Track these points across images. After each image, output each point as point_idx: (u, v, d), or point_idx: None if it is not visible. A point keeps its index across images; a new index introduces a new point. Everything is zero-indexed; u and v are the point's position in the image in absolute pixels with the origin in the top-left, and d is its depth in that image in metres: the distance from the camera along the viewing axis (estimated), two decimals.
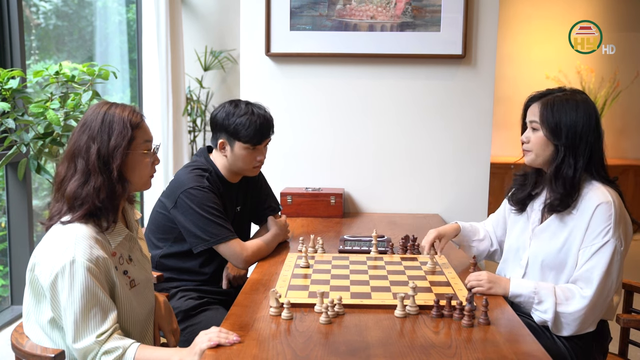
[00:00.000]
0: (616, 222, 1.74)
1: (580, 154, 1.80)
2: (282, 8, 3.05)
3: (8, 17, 3.05)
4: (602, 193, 1.77)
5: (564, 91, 1.87)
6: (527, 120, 1.90)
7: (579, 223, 1.78)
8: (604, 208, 1.74)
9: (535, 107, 1.87)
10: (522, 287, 1.78)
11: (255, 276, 1.96)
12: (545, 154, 1.85)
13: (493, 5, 3.06)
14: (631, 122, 6.42)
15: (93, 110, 1.55)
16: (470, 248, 2.18)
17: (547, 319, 1.74)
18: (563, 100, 1.82)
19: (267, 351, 1.38)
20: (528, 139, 1.87)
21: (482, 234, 2.18)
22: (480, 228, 2.20)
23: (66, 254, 1.43)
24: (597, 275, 1.71)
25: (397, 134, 3.16)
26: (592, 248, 1.74)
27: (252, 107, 2.19)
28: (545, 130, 1.82)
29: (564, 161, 1.80)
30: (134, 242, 1.65)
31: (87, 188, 1.49)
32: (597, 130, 1.83)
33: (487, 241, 2.17)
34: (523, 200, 1.97)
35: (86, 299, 1.42)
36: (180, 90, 4.63)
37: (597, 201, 1.75)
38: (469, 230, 2.16)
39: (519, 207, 1.99)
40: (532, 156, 1.88)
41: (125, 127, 1.53)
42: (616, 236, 1.73)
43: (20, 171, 2.61)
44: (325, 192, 2.98)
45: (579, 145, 1.80)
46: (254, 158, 2.20)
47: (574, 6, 6.22)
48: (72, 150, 1.53)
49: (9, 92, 2.46)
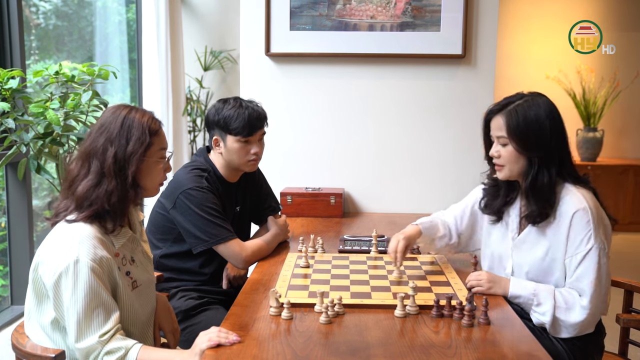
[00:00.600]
0: (595, 226, 1.72)
1: (552, 161, 1.78)
2: (282, 8, 3.05)
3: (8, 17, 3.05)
4: (577, 199, 1.75)
5: (523, 97, 1.83)
6: (493, 135, 1.85)
7: (559, 231, 1.77)
8: (581, 215, 1.73)
9: (498, 120, 1.82)
10: (522, 288, 1.78)
11: (255, 276, 1.96)
12: (518, 167, 1.81)
13: (493, 5, 3.06)
14: (631, 122, 6.42)
15: (112, 113, 1.55)
16: (429, 247, 2.15)
17: (545, 321, 1.74)
18: (525, 108, 1.78)
19: (267, 351, 1.38)
20: (499, 153, 1.83)
21: (441, 230, 2.11)
22: (439, 224, 2.12)
23: (70, 253, 1.43)
24: (589, 284, 1.71)
25: (397, 134, 3.16)
26: (577, 257, 1.73)
27: (241, 101, 2.19)
28: (515, 144, 1.78)
29: (539, 172, 1.78)
30: (137, 243, 1.65)
31: (99, 190, 1.49)
32: (562, 130, 1.81)
33: (447, 237, 2.11)
34: (499, 209, 1.94)
35: (89, 299, 1.42)
36: (180, 90, 4.64)
37: (573, 208, 1.74)
38: (429, 230, 2.10)
39: (496, 216, 1.96)
40: (506, 171, 1.83)
41: (144, 133, 1.53)
42: (598, 240, 1.72)
43: (20, 171, 2.61)
44: (325, 192, 2.98)
45: (550, 153, 1.77)
46: (248, 151, 2.19)
47: (574, 6, 6.22)
48: (88, 150, 1.53)
49: (9, 92, 2.46)
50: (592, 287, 1.71)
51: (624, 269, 4.83)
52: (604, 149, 6.19)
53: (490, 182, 1.98)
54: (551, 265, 1.79)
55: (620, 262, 5.05)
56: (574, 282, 1.74)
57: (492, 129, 1.86)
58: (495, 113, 1.84)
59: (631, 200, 6.02)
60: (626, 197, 6.02)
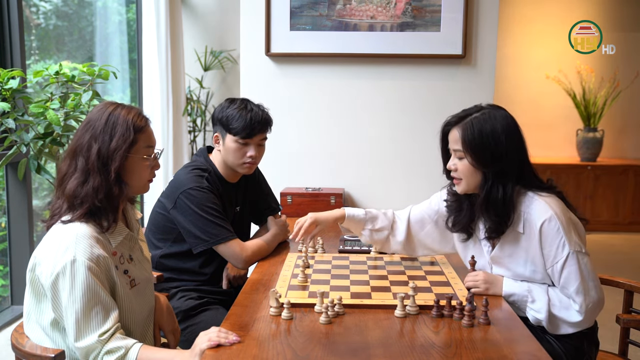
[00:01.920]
0: (566, 231, 1.71)
1: (508, 175, 1.75)
2: (282, 8, 3.05)
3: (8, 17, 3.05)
4: (542, 207, 1.73)
5: (480, 110, 1.81)
6: (451, 148, 1.83)
7: (531, 243, 1.76)
8: (549, 225, 1.71)
9: (455, 132, 1.80)
10: (515, 286, 1.79)
11: (255, 276, 1.96)
12: (475, 181, 1.79)
13: (493, 5, 3.06)
14: (631, 122, 6.42)
15: (99, 110, 1.55)
16: (360, 235, 2.08)
17: (541, 318, 1.74)
18: (482, 122, 1.76)
19: (267, 351, 1.38)
20: (456, 167, 1.81)
21: (380, 223, 2.04)
22: (380, 217, 2.05)
23: (67, 253, 1.43)
24: (575, 289, 1.71)
25: (397, 134, 3.16)
26: (557, 266, 1.72)
27: (248, 103, 2.19)
28: (470, 158, 1.76)
29: (493, 186, 1.76)
30: (134, 241, 1.65)
31: (87, 187, 1.49)
32: (520, 142, 1.79)
33: (386, 231, 2.05)
34: (466, 225, 1.90)
35: (87, 298, 1.42)
36: (180, 90, 4.64)
37: (540, 219, 1.72)
38: (360, 219, 2.03)
39: (466, 234, 1.92)
40: (464, 185, 1.82)
41: (128, 130, 1.52)
42: (572, 243, 1.71)
43: (20, 171, 2.61)
44: (325, 192, 2.98)
45: (506, 166, 1.75)
46: (244, 153, 2.19)
47: (573, 6, 6.22)
48: (74, 147, 1.53)
49: (9, 92, 2.46)
50: (580, 292, 1.71)
51: (624, 269, 4.83)
52: (604, 149, 6.19)
53: (452, 197, 1.94)
54: (535, 275, 1.79)
55: (620, 262, 5.05)
56: (562, 290, 1.75)
57: (449, 142, 1.84)
58: (453, 125, 1.82)
59: (631, 200, 6.02)
60: (626, 197, 6.02)
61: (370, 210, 2.06)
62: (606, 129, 6.24)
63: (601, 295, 1.76)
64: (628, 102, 6.30)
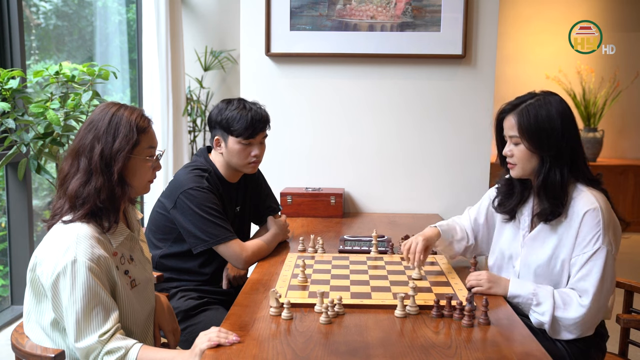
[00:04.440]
0: (605, 227, 1.73)
1: (564, 160, 1.78)
2: (282, 8, 3.05)
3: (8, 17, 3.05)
4: (589, 199, 1.76)
5: (535, 96, 1.84)
6: (506, 135, 1.86)
7: (568, 231, 1.78)
8: (591, 215, 1.73)
9: (510, 119, 1.83)
10: (521, 288, 1.78)
11: (255, 276, 1.96)
12: (531, 166, 1.82)
13: (493, 5, 3.06)
14: (631, 122, 6.42)
15: (101, 110, 1.55)
16: (447, 250, 2.12)
17: (545, 321, 1.73)
18: (537, 107, 1.79)
19: (267, 351, 1.38)
20: (512, 152, 1.84)
21: (459, 233, 2.11)
22: (457, 227, 2.12)
23: (68, 253, 1.43)
24: (593, 284, 1.71)
25: (397, 134, 3.16)
26: (584, 256, 1.73)
27: (244, 103, 2.19)
28: (527, 143, 1.79)
29: (551, 171, 1.78)
30: (135, 242, 1.65)
31: (89, 188, 1.49)
32: (575, 129, 1.82)
33: (465, 240, 2.11)
34: (513, 208, 1.94)
35: (88, 299, 1.42)
36: (180, 90, 4.64)
37: (584, 208, 1.74)
38: (447, 232, 2.09)
39: (509, 215, 1.96)
40: (518, 170, 1.85)
41: (131, 131, 1.52)
42: (607, 242, 1.73)
43: (20, 171, 2.61)
44: (325, 192, 2.98)
45: (562, 152, 1.78)
46: (249, 153, 2.19)
47: (574, 6, 6.22)
48: (76, 147, 1.53)
49: (9, 92, 2.46)
50: (594, 287, 1.71)
51: (624, 269, 4.83)
52: (604, 149, 6.19)
53: (504, 181, 1.98)
54: (557, 265, 1.79)
55: (620, 262, 5.01)
56: (577, 282, 1.74)
57: (504, 129, 1.87)
58: (508, 112, 1.85)
59: (631, 200, 6.02)
60: (626, 197, 6.02)
61: (442, 224, 2.11)
62: (606, 129, 6.24)
63: (608, 304, 1.76)
64: (628, 102, 6.30)
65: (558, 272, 1.80)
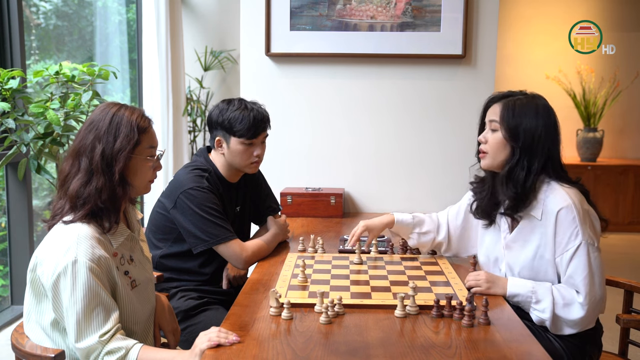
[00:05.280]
0: (581, 222, 1.73)
1: (535, 158, 1.79)
2: (282, 8, 3.05)
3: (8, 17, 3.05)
4: (561, 196, 1.76)
5: (525, 95, 1.87)
6: (487, 120, 1.88)
7: (546, 230, 1.78)
8: (565, 213, 1.74)
9: (496, 107, 1.85)
10: (520, 286, 1.79)
11: (255, 276, 1.96)
12: (501, 156, 1.83)
13: (493, 5, 3.06)
14: (631, 122, 6.42)
15: (102, 110, 1.55)
16: (408, 239, 2.14)
17: (545, 318, 1.74)
18: (524, 104, 1.82)
19: (267, 351, 1.38)
20: (486, 139, 1.86)
21: (426, 227, 2.11)
22: (426, 220, 2.12)
23: (68, 254, 1.43)
24: (582, 280, 1.72)
25: (397, 134, 3.16)
26: (567, 255, 1.74)
27: (245, 103, 2.19)
28: (504, 131, 1.81)
29: (518, 163, 1.79)
30: (135, 242, 1.65)
31: (90, 188, 1.49)
32: (555, 136, 1.83)
33: (432, 234, 2.11)
34: (488, 211, 1.94)
35: (88, 299, 1.42)
36: (180, 90, 4.64)
37: (557, 207, 1.75)
38: (408, 223, 2.10)
39: (488, 220, 1.96)
40: (488, 160, 1.86)
41: (132, 131, 1.52)
42: (586, 235, 1.73)
43: (20, 171, 2.61)
44: (325, 192, 2.98)
45: (535, 149, 1.79)
46: (251, 153, 2.19)
47: (574, 6, 6.22)
48: (77, 148, 1.53)
49: (9, 92, 2.46)
50: (585, 284, 1.72)
51: (624, 269, 4.83)
52: (604, 149, 6.19)
53: (477, 179, 2.01)
54: (541, 265, 1.80)
55: (620, 262, 5.05)
56: (567, 280, 1.75)
57: (488, 114, 1.89)
58: (495, 100, 1.88)
59: (631, 200, 6.02)
60: (626, 197, 6.02)
61: (417, 215, 2.13)
62: (606, 129, 6.24)
63: (604, 295, 1.76)
64: (628, 102, 6.30)
65: (544, 272, 1.80)
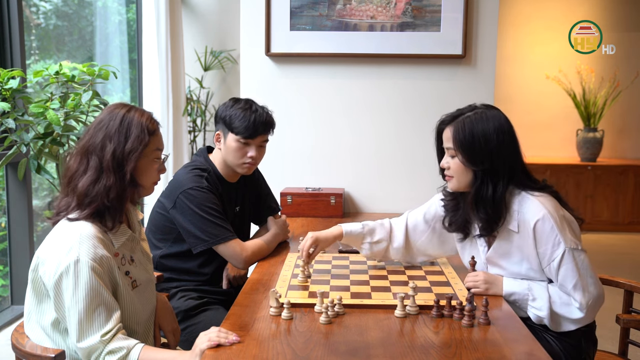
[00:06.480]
0: (560, 229, 1.72)
1: (499, 174, 1.77)
2: (282, 8, 3.05)
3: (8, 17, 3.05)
4: (535, 207, 1.74)
5: (474, 110, 1.82)
6: (444, 147, 1.85)
7: (526, 243, 1.77)
8: (542, 224, 1.72)
9: (447, 131, 1.82)
10: (516, 285, 1.79)
11: (255, 276, 1.96)
12: (466, 180, 1.81)
13: (493, 5, 3.06)
14: (631, 122, 6.42)
15: (111, 111, 1.56)
16: (360, 250, 2.07)
17: (543, 315, 1.74)
18: (473, 121, 1.77)
19: (267, 351, 1.38)
20: (449, 165, 1.83)
21: (378, 235, 2.03)
22: (377, 229, 2.04)
23: (70, 253, 1.43)
24: (573, 287, 1.72)
25: (397, 134, 3.16)
26: (554, 264, 1.73)
27: (252, 104, 2.20)
28: (461, 157, 1.78)
29: (482, 186, 1.77)
30: (136, 242, 1.65)
31: (98, 186, 1.49)
32: (512, 143, 1.79)
33: (385, 242, 2.04)
34: (463, 225, 1.91)
35: (90, 298, 1.42)
36: (180, 90, 4.64)
37: (533, 218, 1.73)
38: (358, 233, 2.03)
39: (463, 233, 1.93)
40: (455, 183, 1.84)
41: (143, 132, 1.53)
42: (567, 241, 1.72)
43: (20, 171, 2.61)
44: (325, 192, 2.98)
45: (497, 166, 1.76)
46: (245, 153, 2.19)
47: (574, 6, 6.22)
48: (86, 146, 1.53)
49: (9, 92, 2.46)
50: (578, 289, 1.72)
51: (624, 269, 4.83)
52: (604, 149, 6.19)
53: (448, 196, 1.95)
54: (530, 272, 1.80)
55: (620, 262, 5.05)
56: (560, 288, 1.76)
57: (443, 140, 1.86)
58: (447, 124, 1.83)
59: (631, 200, 6.02)
60: (626, 197, 6.02)
61: (367, 223, 2.06)
62: (606, 129, 6.24)
63: (600, 291, 1.76)
64: (628, 102, 6.30)
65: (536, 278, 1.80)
